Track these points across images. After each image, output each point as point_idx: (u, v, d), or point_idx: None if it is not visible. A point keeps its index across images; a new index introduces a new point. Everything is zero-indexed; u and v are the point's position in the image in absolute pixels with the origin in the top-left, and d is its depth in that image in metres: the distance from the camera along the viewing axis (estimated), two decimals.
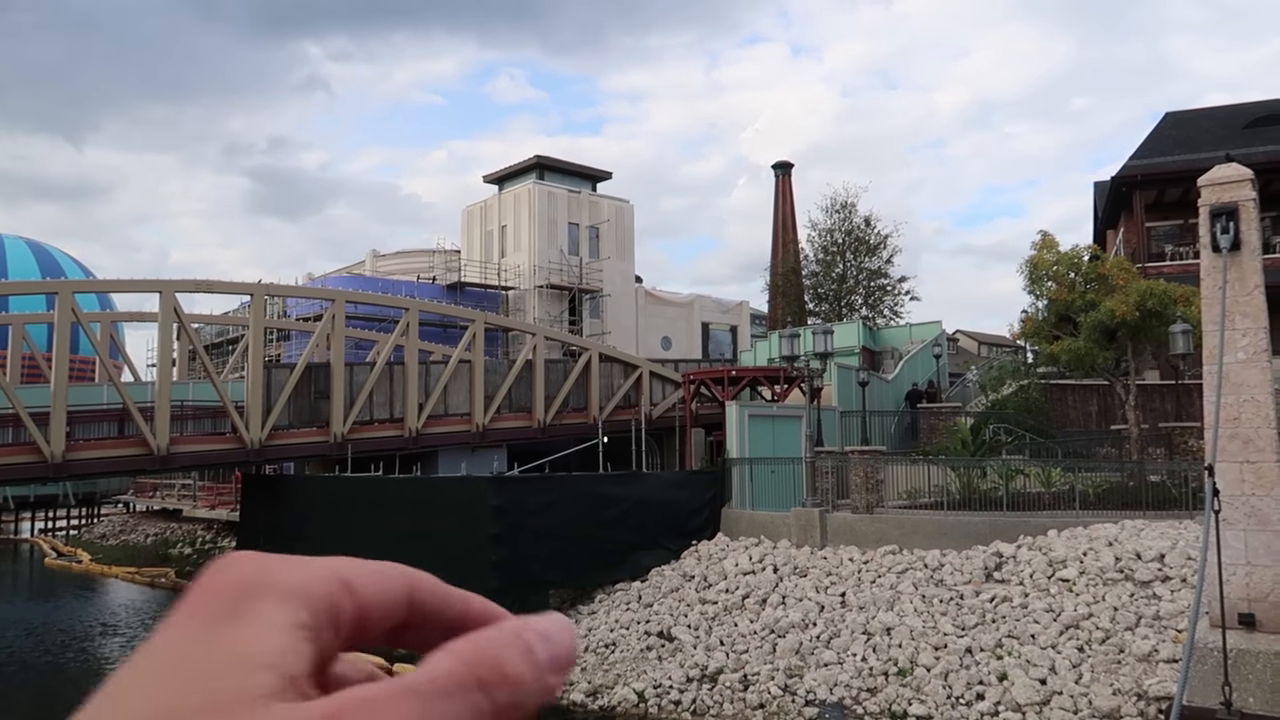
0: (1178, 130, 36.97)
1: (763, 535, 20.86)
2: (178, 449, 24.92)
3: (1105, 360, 23.05)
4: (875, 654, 14.86)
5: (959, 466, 21.02)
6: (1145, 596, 14.34)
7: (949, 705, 13.15)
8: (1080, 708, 12.35)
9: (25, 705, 17.31)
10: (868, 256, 45.92)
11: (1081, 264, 23.30)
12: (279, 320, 40.72)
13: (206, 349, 41.08)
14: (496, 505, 19.51)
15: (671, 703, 14.92)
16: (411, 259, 52.18)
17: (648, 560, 20.97)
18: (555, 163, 48.85)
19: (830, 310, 46.15)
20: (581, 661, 17.20)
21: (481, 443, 30.15)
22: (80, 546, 46.09)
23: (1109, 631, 13.69)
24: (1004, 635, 14.34)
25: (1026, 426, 26.79)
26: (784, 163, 55.09)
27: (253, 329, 26.93)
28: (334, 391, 27.16)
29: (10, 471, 23.28)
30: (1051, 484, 19.97)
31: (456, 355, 30.13)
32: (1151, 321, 21.85)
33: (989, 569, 16.50)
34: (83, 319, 24.48)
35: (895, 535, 18.94)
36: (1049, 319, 24.02)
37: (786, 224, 53.94)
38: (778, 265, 51.35)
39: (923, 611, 15.70)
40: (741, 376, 28.16)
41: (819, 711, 13.88)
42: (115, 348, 41.36)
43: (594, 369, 32.92)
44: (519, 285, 46.14)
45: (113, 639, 23.26)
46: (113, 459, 24.52)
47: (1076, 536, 16.68)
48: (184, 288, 26.14)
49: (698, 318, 53.25)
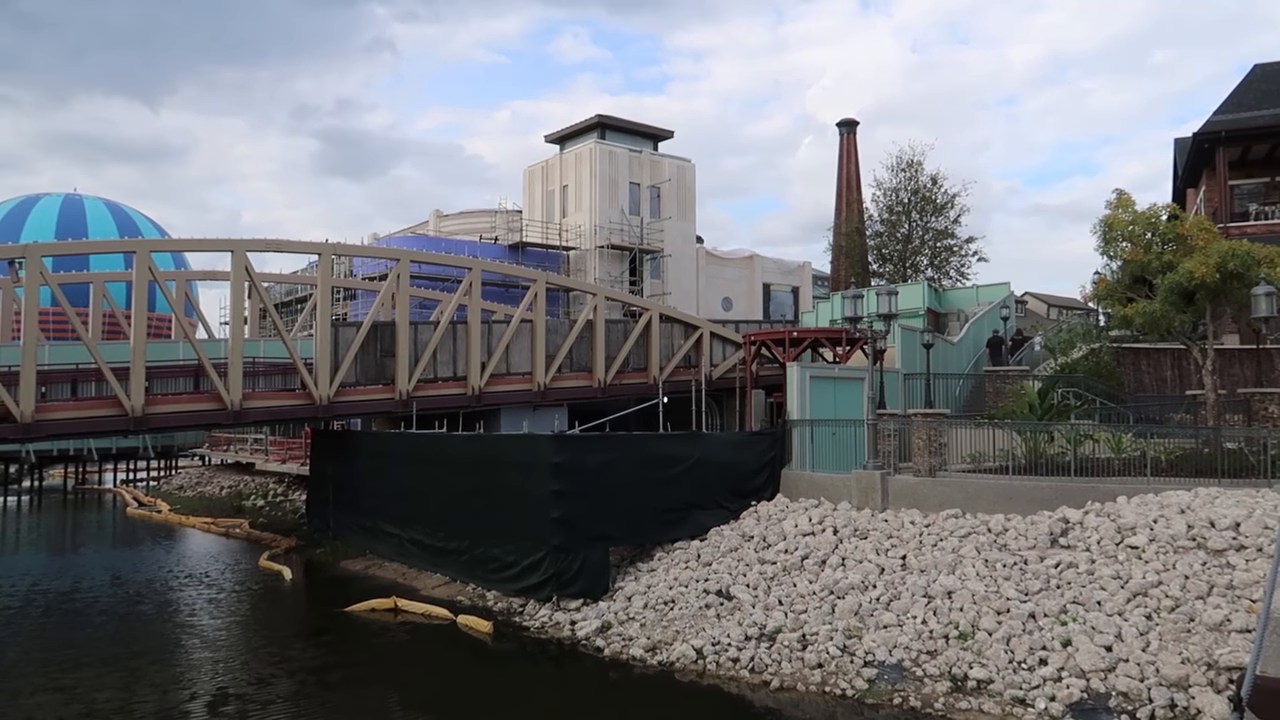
0: (1266, 83, 35.29)
1: (823, 497, 20.81)
2: (250, 404, 25.66)
3: (1182, 323, 22.32)
4: (935, 617, 14.77)
5: (1025, 431, 20.64)
6: (1218, 565, 13.98)
7: (1011, 670, 13.04)
8: (1147, 675, 12.14)
9: (109, 652, 18.12)
10: (934, 216, 44.99)
11: (1159, 224, 22.47)
12: (345, 279, 41.49)
13: (276, 307, 42.12)
14: (557, 463, 19.73)
15: (730, 660, 15.05)
16: (474, 219, 52.62)
17: (707, 520, 21.09)
18: (616, 122, 48.60)
19: (895, 271, 45.44)
20: (640, 617, 17.44)
21: (543, 402, 30.47)
22: (159, 497, 47.97)
23: (1179, 600, 13.40)
24: (1069, 601, 14.12)
25: (1097, 391, 26.15)
26: (849, 120, 54.06)
27: (320, 288, 27.45)
28: (399, 350, 27.64)
29: (94, 424, 24.22)
30: (1122, 450, 19.50)
31: (518, 315, 30.38)
32: (1232, 283, 21.04)
33: (1054, 535, 16.24)
34: (159, 278, 25.20)
35: (958, 499, 18.73)
36: (1123, 280, 23.30)
37: (851, 183, 53.06)
38: (841, 225, 50.63)
39: (985, 576, 15.54)
40: (803, 338, 27.93)
41: (878, 672, 13.88)
42: (190, 306, 42.58)
43: (654, 329, 32.93)
44: (580, 245, 46.23)
45: (191, 589, 24.21)
46: (189, 413, 25.35)
47: (1147, 503, 16.30)
48: (255, 247, 26.72)
49: (759, 278, 52.84)
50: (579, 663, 16.19)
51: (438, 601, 20.80)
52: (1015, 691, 12.58)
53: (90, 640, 18.44)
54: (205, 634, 19.16)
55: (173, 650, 17.86)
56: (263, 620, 20.79)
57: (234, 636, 19.14)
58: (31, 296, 23.18)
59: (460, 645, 17.76)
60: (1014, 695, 12.53)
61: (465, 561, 22.09)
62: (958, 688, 13.09)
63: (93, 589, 24.07)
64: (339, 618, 19.97)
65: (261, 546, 30.42)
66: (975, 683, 13.04)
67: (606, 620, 17.58)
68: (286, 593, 23.63)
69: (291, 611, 21.64)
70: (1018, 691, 12.57)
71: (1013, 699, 12.50)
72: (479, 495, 21.89)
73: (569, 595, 18.98)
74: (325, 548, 28.24)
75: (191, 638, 18.86)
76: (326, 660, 16.99)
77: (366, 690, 15.02)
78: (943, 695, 13.02)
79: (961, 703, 12.79)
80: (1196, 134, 34.65)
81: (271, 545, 30.23)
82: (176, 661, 16.99)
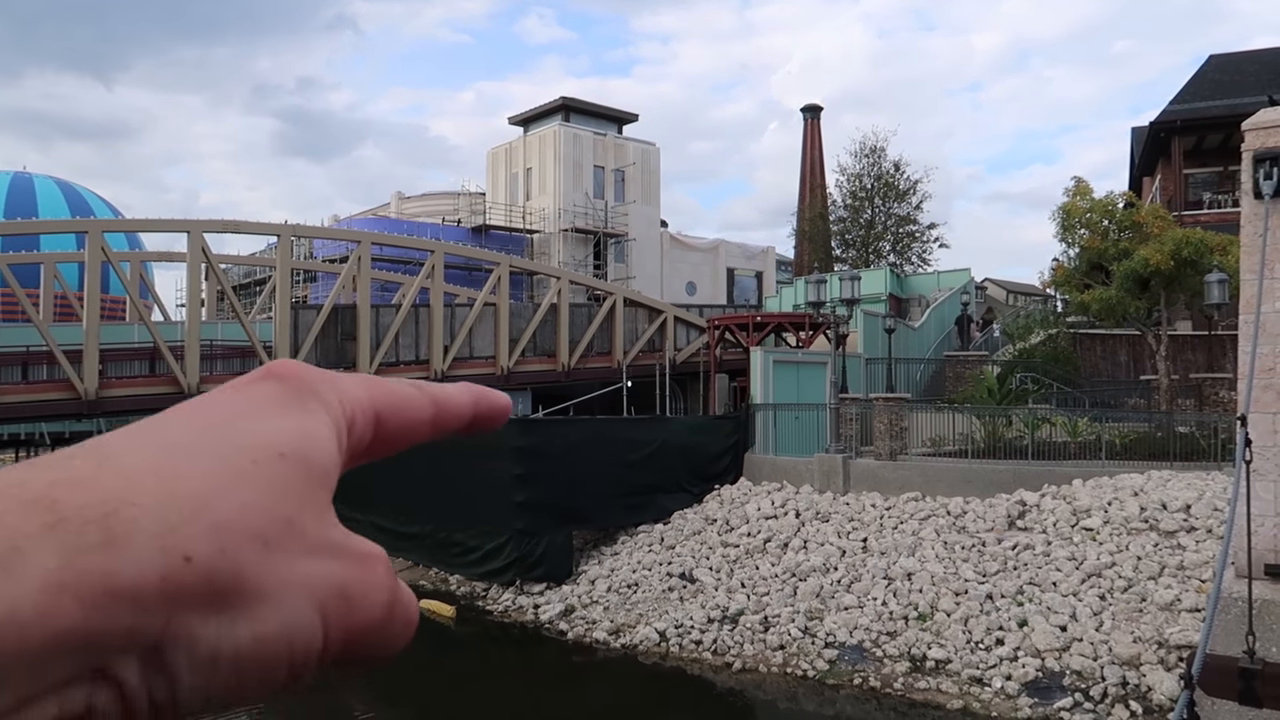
0: (1221, 74, 35.91)
1: (785, 480, 20.95)
2: (207, 387, 25.01)
3: (1137, 310, 22.74)
4: (895, 598, 14.97)
5: (984, 415, 20.93)
6: (1170, 547, 14.31)
7: (968, 650, 13.26)
8: (1100, 654, 12.41)
9: None
10: (896, 202, 45.32)
11: (1116, 212, 22.87)
12: (305, 261, 40.85)
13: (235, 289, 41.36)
14: (520, 447, 19.65)
15: (693, 642, 15.15)
16: (437, 201, 52.04)
17: (670, 503, 21.15)
18: (581, 104, 48.28)
19: (857, 257, 45.74)
20: (604, 600, 17.47)
21: (506, 385, 30.28)
22: None
23: (1131, 580, 13.70)
24: (1025, 582, 14.39)
25: (1054, 376, 26.58)
26: (813, 105, 54.19)
27: (280, 270, 27.06)
28: (360, 333, 27.34)
29: (47, 408, 23.72)
30: (1078, 434, 19.86)
31: (481, 298, 30.18)
32: (1186, 271, 21.48)
33: (1012, 517, 16.52)
34: (113, 258, 24.68)
35: (918, 482, 18.97)
36: (1080, 267, 23.69)
37: (815, 169, 53.26)
38: (805, 211, 50.82)
39: (944, 558, 15.77)
40: (766, 322, 28.06)
41: (838, 653, 14.05)
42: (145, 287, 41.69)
43: (618, 313, 32.88)
44: (544, 229, 45.96)
45: None
46: (144, 396, 24.88)
47: (1101, 486, 16.62)
48: (212, 228, 26.26)
49: (723, 263, 52.93)
50: (542, 646, 16.20)
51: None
52: (972, 671, 12.80)
53: None
54: None
55: None
56: None
57: None
58: None
59: (423, 630, 17.30)
60: (971, 675, 12.76)
61: (428, 546, 21.97)
62: (917, 668, 13.29)
63: None
64: None
65: None
66: (934, 663, 13.24)
67: (570, 604, 17.60)
68: None
69: None
70: (975, 671, 12.79)
71: (970, 678, 12.72)
72: (442, 480, 21.74)
73: (532, 579, 18.96)
74: None
75: None
76: None
77: (325, 676, 14.90)
78: (902, 675, 13.22)
79: (920, 682, 12.99)
80: (1153, 123, 35.22)
81: None
82: None
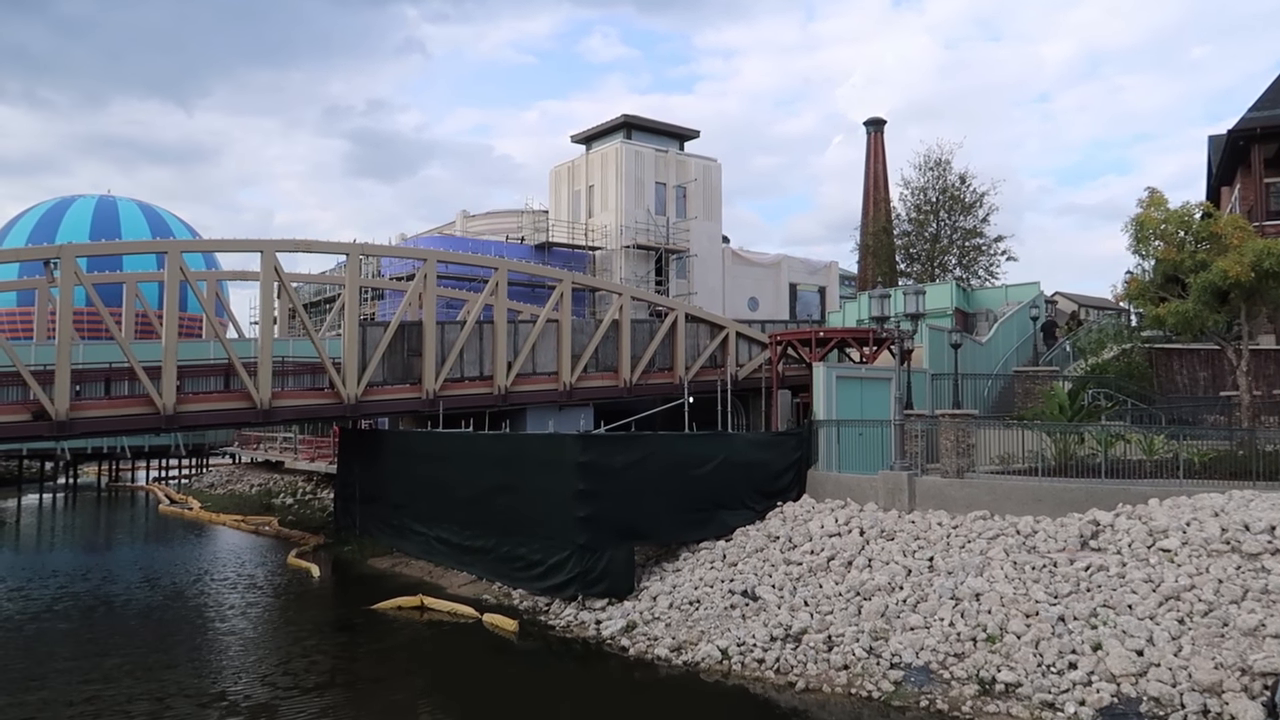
0: None
1: (849, 498, 20.69)
2: (279, 403, 25.93)
3: (1215, 323, 21.99)
4: (963, 619, 14.64)
5: (1055, 432, 20.41)
6: (1253, 570, 13.76)
7: (1039, 673, 12.90)
8: (1179, 680, 11.97)
9: (138, 647, 18.36)
10: (962, 215, 44.63)
11: (1192, 222, 22.14)
12: (373, 280, 41.77)
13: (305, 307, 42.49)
14: (583, 462, 19.76)
15: (755, 661, 15.01)
16: (501, 219, 52.78)
17: (732, 520, 21.05)
18: (643, 122, 48.60)
19: (922, 271, 45.13)
20: (666, 617, 17.43)
21: (569, 401, 30.54)
22: (191, 495, 48.58)
23: (1212, 604, 13.20)
24: (1099, 605, 13.95)
25: (1128, 392, 25.81)
26: (876, 119, 53.73)
27: (349, 288, 27.68)
28: (426, 349, 27.81)
29: (127, 422, 24.59)
30: (1154, 451, 19.22)
31: (544, 314, 30.48)
32: (1268, 283, 20.69)
33: (1085, 537, 16.05)
34: (190, 278, 25.52)
35: (986, 500, 18.56)
36: (1155, 280, 22.98)
37: (878, 182, 52.75)
38: (868, 225, 50.34)
39: (1014, 578, 15.38)
40: (829, 338, 27.79)
41: (904, 674, 13.78)
42: (220, 305, 43.07)
43: (680, 329, 32.92)
44: (606, 245, 46.29)
45: (221, 585, 24.50)
46: (219, 411, 25.66)
47: (1179, 506, 16.07)
48: (284, 247, 27.01)
49: (785, 278, 52.63)
50: (604, 662, 16.21)
51: (464, 600, 20.90)
52: (1044, 695, 12.45)
53: (120, 634, 18.71)
54: (235, 630, 19.36)
55: (201, 646, 18.05)
56: (291, 617, 20.98)
57: (262, 633, 19.34)
58: (66, 296, 23.55)
59: (486, 644, 17.83)
60: (1043, 699, 12.40)
61: (491, 560, 22.18)
62: (985, 691, 12.97)
63: (125, 585, 24.41)
64: (366, 615, 20.12)
65: (290, 544, 30.72)
66: (1003, 686, 12.91)
67: (631, 620, 17.59)
68: (314, 590, 23.84)
69: (319, 609, 21.83)
70: (1046, 695, 12.44)
71: (1041, 703, 12.37)
72: (505, 494, 21.98)
73: (594, 594, 19.00)
74: (352, 545, 28.47)
75: (221, 634, 19.07)
76: (354, 657, 17.14)
77: (394, 687, 15.13)
78: (970, 698, 12.91)
79: (989, 706, 12.68)
80: (1231, 131, 34.07)
81: (300, 543, 30.51)
82: (205, 657, 17.19)
